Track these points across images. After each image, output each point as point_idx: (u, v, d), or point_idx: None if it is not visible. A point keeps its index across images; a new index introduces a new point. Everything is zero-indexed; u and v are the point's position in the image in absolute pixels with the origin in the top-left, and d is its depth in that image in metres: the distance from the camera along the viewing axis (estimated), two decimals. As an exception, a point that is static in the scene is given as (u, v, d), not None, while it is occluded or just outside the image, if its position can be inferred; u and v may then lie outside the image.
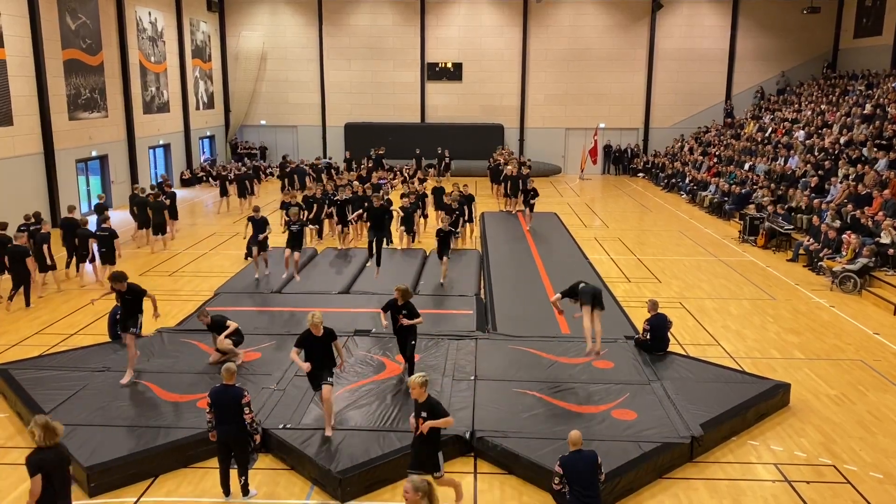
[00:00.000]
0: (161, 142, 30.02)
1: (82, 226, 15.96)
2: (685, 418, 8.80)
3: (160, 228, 19.20)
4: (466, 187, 19.93)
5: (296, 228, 15.43)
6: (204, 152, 35.12)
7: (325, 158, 34.14)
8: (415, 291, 14.61)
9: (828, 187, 20.78)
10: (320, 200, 19.54)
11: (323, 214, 19.59)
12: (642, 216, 25.02)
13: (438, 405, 7.17)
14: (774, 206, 20.69)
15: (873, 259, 15.62)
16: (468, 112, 35.73)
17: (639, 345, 11.22)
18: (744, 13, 34.45)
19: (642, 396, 9.50)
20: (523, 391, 9.65)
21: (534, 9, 34.67)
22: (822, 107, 28.29)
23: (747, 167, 26.50)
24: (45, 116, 21.35)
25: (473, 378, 10.05)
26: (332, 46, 35.54)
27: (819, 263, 16.94)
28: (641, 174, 34.93)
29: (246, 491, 7.62)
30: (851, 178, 20.20)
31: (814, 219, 18.82)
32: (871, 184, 19.16)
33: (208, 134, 35.23)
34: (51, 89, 21.59)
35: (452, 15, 35.12)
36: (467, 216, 19.22)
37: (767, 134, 29.11)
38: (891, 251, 15.67)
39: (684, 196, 28.48)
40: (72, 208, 17.33)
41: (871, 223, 17.08)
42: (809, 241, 17.93)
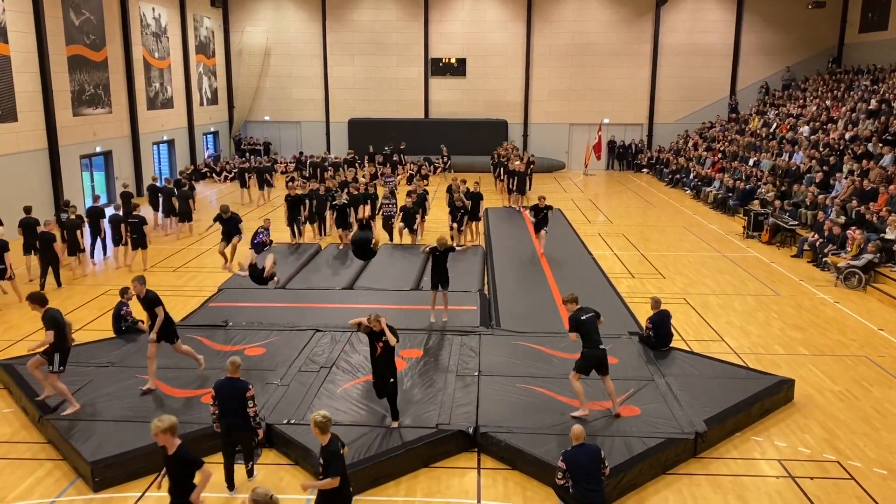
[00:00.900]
0: (165, 138, 30.06)
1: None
2: (689, 414, 8.80)
3: (186, 216, 20.28)
4: (465, 182, 19.79)
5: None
6: (208, 148, 35.15)
7: (329, 154, 34.11)
8: (418, 287, 14.63)
9: (833, 183, 20.72)
10: (322, 198, 19.55)
11: (325, 211, 19.63)
12: (646, 212, 24.98)
13: (338, 458, 6.23)
14: (781, 203, 20.64)
15: (878, 255, 15.58)
16: (472, 108, 35.68)
17: (643, 341, 11.21)
18: (748, 8, 34.31)
19: (646, 392, 9.50)
20: (527, 387, 9.65)
21: (537, 4, 34.59)
22: (827, 102, 28.19)
23: (752, 163, 26.44)
24: (50, 112, 21.38)
25: (477, 374, 10.06)
26: (336, 42, 35.51)
27: (823, 259, 16.90)
28: (645, 170, 34.87)
29: (251, 473, 7.88)
30: (856, 174, 20.14)
31: (818, 214, 18.78)
32: (877, 179, 19.10)
33: (212, 130, 35.25)
34: (55, 85, 21.61)
35: (456, 10, 35.06)
36: (470, 214, 19.06)
37: (772, 129, 29.02)
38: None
39: (688, 192, 28.43)
40: (93, 199, 18.73)
41: (876, 219, 17.03)
42: (814, 237, 17.89)
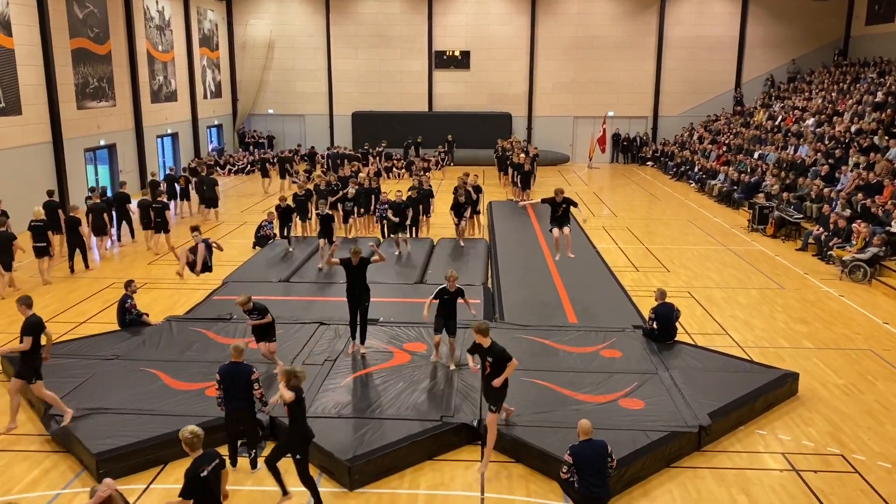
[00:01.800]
0: (169, 131, 30.07)
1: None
2: (693, 407, 8.79)
3: (213, 202, 21.48)
4: (466, 175, 19.73)
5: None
6: (211, 141, 35.16)
7: (333, 148, 34.11)
8: (422, 280, 14.63)
9: (838, 176, 20.63)
10: (322, 192, 19.49)
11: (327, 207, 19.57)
12: (651, 205, 24.92)
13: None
14: (786, 196, 20.57)
15: (883, 248, 15.52)
16: (476, 100, 35.60)
17: (647, 334, 11.20)
18: (754, 0, 34.15)
19: (650, 385, 9.49)
20: (531, 380, 9.65)
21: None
22: (833, 95, 28.05)
23: (757, 156, 26.34)
24: (54, 105, 21.39)
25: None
26: (339, 35, 35.44)
27: (828, 252, 16.85)
28: (650, 163, 34.77)
29: (255, 464, 7.94)
30: (862, 167, 20.05)
31: (824, 207, 18.71)
32: (882, 172, 19.00)
33: (216, 123, 35.25)
34: (59, 78, 21.63)
35: (460, 2, 34.93)
36: (473, 208, 19.06)
37: (777, 122, 28.91)
38: (901, 240, 15.58)
39: (693, 185, 28.35)
40: (123, 184, 19.49)
41: (882, 212, 16.95)
42: (819, 230, 17.83)
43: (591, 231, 19.66)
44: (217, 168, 31.67)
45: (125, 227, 18.75)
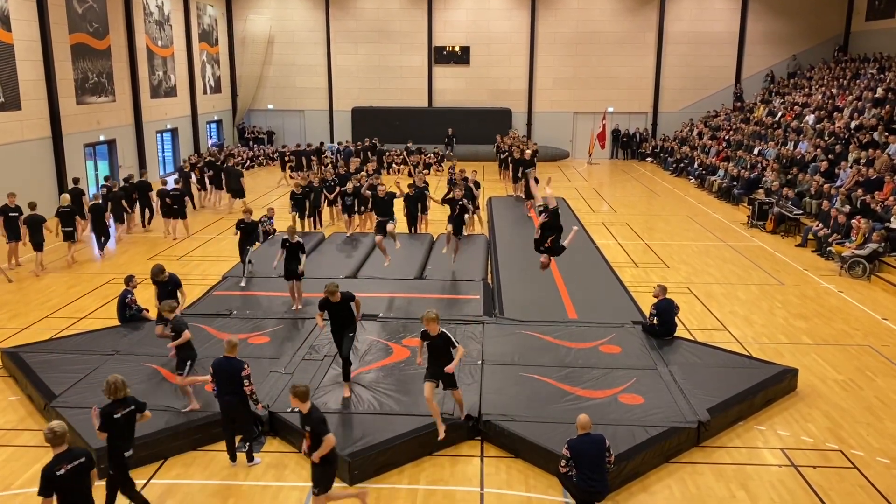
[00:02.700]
0: (168, 126, 30.04)
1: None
2: (692, 403, 8.81)
3: (238, 193, 22.20)
4: (463, 171, 19.67)
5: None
6: (211, 137, 35.12)
7: (332, 143, 34.10)
8: (422, 276, 14.64)
9: (838, 172, 20.62)
10: (318, 189, 19.56)
11: (324, 203, 19.71)
12: (650, 201, 24.92)
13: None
14: (786, 192, 20.57)
15: (883, 244, 15.52)
16: (476, 96, 35.56)
17: (646, 330, 11.22)
18: (754, -5, 34.12)
19: (649, 381, 9.50)
20: (530, 375, 9.67)
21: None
22: (833, 90, 28.03)
23: (756, 151, 26.33)
24: (53, 101, 21.38)
25: (480, 362, 10.08)
26: (339, 30, 35.38)
27: (828, 248, 16.86)
28: (650, 159, 34.75)
29: (251, 458, 7.99)
30: (862, 163, 20.05)
31: (823, 204, 18.71)
32: (882, 168, 19.01)
33: (216, 118, 35.20)
34: (58, 73, 21.60)
35: (460, -2, 34.92)
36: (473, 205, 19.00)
37: (777, 118, 28.88)
38: (901, 236, 15.59)
39: (693, 181, 28.33)
40: (144, 172, 20.76)
41: (881, 208, 16.96)
42: (818, 226, 17.83)
43: (591, 227, 19.66)
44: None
45: (145, 215, 19.89)
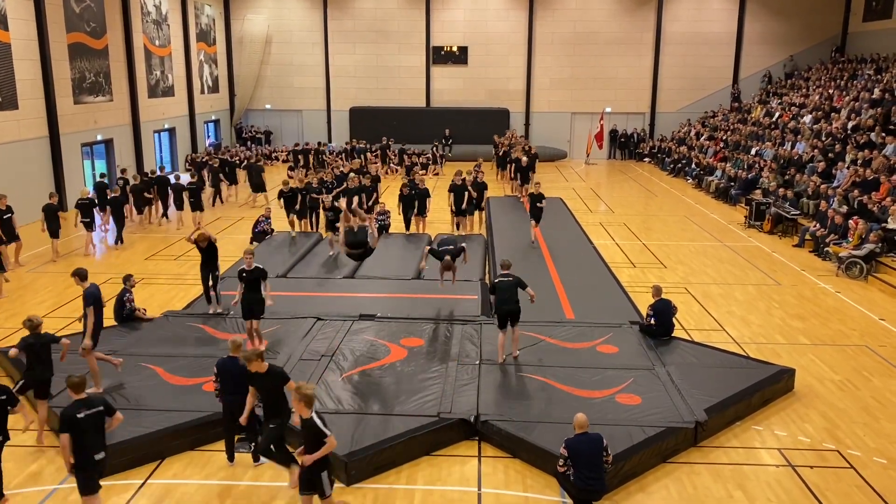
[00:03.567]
0: (166, 126, 30.01)
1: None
2: (689, 403, 8.81)
3: (260, 188, 23.31)
4: (461, 174, 19.64)
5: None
6: (209, 136, 35.09)
7: (330, 143, 34.11)
8: (419, 276, 14.64)
9: (835, 172, 20.66)
10: (314, 190, 19.52)
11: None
12: (648, 201, 24.94)
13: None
14: (783, 192, 20.59)
15: (880, 245, 15.56)
16: (474, 96, 35.57)
17: (643, 330, 11.22)
18: (752, -4, 34.17)
19: (647, 381, 9.51)
20: (527, 375, 9.67)
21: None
22: (830, 91, 28.08)
23: (754, 152, 26.36)
24: (51, 100, 21.35)
25: (478, 362, 10.08)
26: (337, 30, 35.36)
27: (825, 249, 16.89)
28: (647, 159, 34.78)
29: (257, 458, 7.97)
30: (859, 163, 20.08)
31: (821, 204, 18.74)
32: (879, 169, 19.04)
33: (213, 118, 35.17)
34: (55, 73, 21.57)
35: (458, -2, 34.92)
36: (478, 204, 19.09)
37: (775, 118, 28.92)
38: (898, 237, 15.61)
39: (690, 181, 28.36)
40: (159, 169, 21.85)
41: (878, 209, 16.99)
42: (816, 227, 17.86)
43: (589, 227, 19.68)
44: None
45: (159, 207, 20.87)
